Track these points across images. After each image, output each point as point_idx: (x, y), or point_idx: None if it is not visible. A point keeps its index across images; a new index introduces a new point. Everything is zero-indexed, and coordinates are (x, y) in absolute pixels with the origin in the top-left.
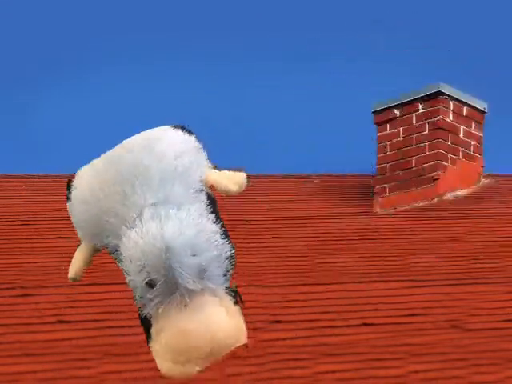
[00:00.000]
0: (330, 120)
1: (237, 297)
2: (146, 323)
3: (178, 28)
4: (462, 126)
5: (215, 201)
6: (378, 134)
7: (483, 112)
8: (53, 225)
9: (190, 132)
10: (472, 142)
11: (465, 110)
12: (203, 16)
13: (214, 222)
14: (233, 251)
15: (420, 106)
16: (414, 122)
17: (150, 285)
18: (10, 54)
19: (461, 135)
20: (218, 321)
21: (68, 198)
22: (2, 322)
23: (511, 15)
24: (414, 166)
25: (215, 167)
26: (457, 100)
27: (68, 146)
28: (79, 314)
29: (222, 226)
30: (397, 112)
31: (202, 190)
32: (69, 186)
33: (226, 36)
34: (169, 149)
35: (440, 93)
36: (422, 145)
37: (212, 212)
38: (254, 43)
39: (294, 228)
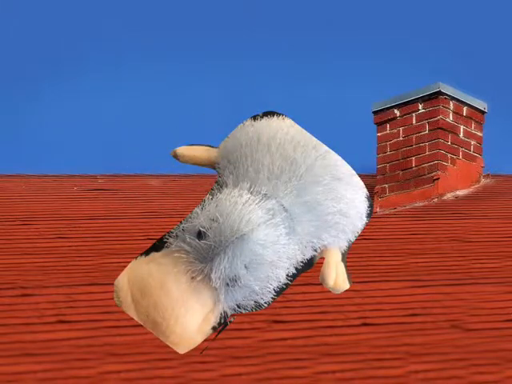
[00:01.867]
0: (329, 120)
1: (220, 326)
2: (158, 244)
3: (179, 28)
4: (461, 126)
5: (310, 267)
6: (378, 134)
7: (483, 112)
8: (53, 225)
9: (369, 215)
10: (472, 142)
11: (465, 110)
12: (203, 16)
13: (287, 276)
14: (265, 305)
15: (420, 106)
16: (414, 122)
17: (200, 235)
18: (10, 53)
19: (461, 135)
20: (190, 318)
21: (254, 118)
22: (2, 322)
23: (511, 15)
24: (413, 165)
25: (344, 254)
26: (457, 100)
27: (68, 146)
28: (79, 313)
29: (286, 285)
30: (397, 112)
31: (316, 251)
32: (266, 113)
33: (225, 36)
34: (345, 200)
35: (440, 93)
36: (422, 145)
37: (296, 269)
38: (254, 43)
39: None
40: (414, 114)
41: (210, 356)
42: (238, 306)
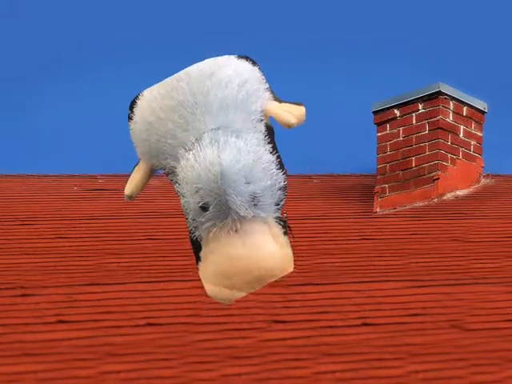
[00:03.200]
0: (329, 120)
1: (286, 227)
2: (196, 245)
3: (179, 29)
4: (462, 126)
5: (273, 132)
6: (378, 134)
7: (483, 112)
8: (53, 225)
9: (254, 62)
10: (472, 142)
11: (465, 109)
12: (203, 16)
13: (271, 153)
14: (285, 182)
15: (420, 106)
16: (414, 121)
17: (204, 208)
18: (10, 53)
19: (461, 135)
20: (267, 248)
21: (130, 118)
22: (1, 322)
23: (511, 15)
24: (414, 165)
25: (276, 98)
26: (457, 100)
27: (68, 146)
28: (79, 314)
29: (278, 157)
30: (397, 112)
31: (262, 119)
32: (132, 106)
33: (226, 36)
34: (232, 76)
35: (440, 93)
36: (422, 145)
37: (269, 142)
38: (254, 43)
39: (294, 228)
40: (413, 114)
41: (209, 356)
42: (277, 204)
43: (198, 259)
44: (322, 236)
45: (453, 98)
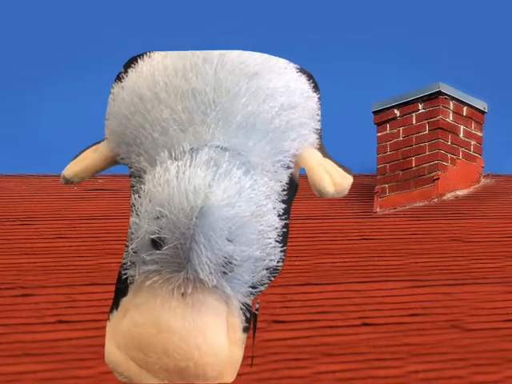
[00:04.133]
0: (329, 120)
1: (251, 322)
2: (122, 288)
3: (178, 29)
4: (462, 126)
5: (296, 191)
6: (378, 134)
7: (483, 112)
8: (53, 225)
9: (316, 87)
10: (472, 142)
11: (465, 109)
12: (203, 16)
13: (279, 216)
14: (280, 264)
15: (420, 106)
16: (414, 121)
17: (155, 243)
18: (10, 53)
19: (461, 135)
20: (212, 338)
21: (118, 78)
22: (2, 322)
23: (511, 15)
24: (414, 165)
25: (322, 149)
26: (457, 100)
27: (68, 146)
28: (79, 314)
29: (285, 227)
30: (397, 112)
31: (290, 167)
32: (128, 64)
33: (226, 36)
34: (279, 91)
35: (440, 93)
36: (422, 145)
37: (284, 202)
38: (254, 44)
39: (293, 228)
40: (413, 114)
41: None
42: (254, 287)
43: (115, 306)
44: (321, 236)
45: (453, 98)
